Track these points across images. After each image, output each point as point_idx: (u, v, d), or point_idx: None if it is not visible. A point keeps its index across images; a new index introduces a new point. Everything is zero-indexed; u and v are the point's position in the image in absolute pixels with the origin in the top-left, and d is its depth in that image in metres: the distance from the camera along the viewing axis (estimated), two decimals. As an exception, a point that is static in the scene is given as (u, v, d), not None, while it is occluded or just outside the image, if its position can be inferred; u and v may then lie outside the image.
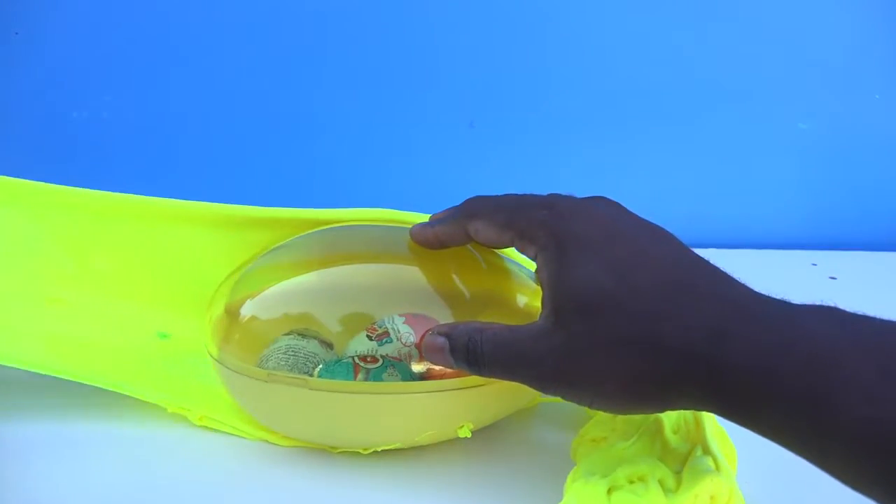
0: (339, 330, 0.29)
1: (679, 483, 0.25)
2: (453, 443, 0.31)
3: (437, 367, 0.28)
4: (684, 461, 0.26)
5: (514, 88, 0.61)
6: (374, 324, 0.29)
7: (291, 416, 0.29)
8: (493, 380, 0.28)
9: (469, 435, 0.29)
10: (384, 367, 0.27)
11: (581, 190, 0.27)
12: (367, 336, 0.28)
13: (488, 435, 0.32)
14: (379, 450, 0.30)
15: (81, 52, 0.58)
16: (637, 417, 0.28)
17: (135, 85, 0.59)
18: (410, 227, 0.32)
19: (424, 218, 0.33)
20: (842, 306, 0.22)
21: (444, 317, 0.29)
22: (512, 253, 0.35)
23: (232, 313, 0.30)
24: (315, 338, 0.28)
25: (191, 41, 0.58)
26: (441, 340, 0.26)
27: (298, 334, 0.28)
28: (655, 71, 0.61)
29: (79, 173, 0.60)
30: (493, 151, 0.62)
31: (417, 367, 0.28)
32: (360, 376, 0.27)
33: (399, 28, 0.59)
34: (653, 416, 0.28)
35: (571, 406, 0.34)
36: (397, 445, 0.30)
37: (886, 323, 0.21)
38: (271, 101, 0.60)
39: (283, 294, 0.30)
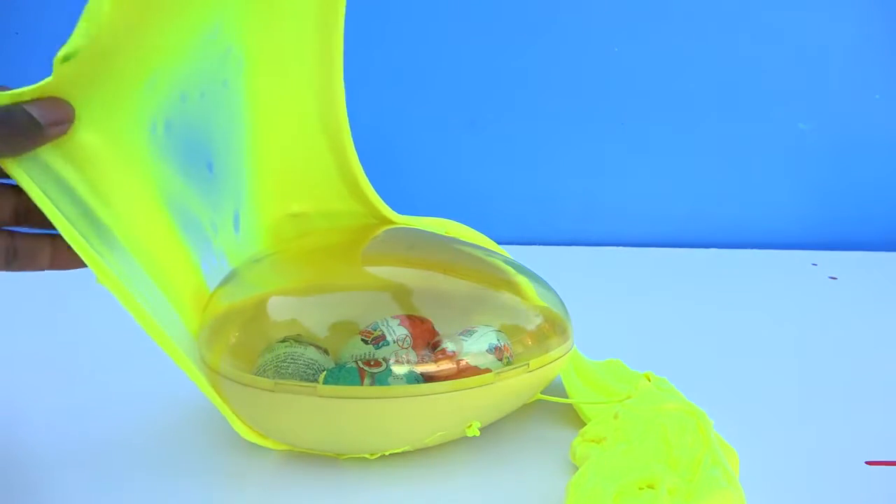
0: (331, 335, 0.28)
1: (689, 493, 0.24)
2: (454, 444, 0.31)
3: (440, 368, 0.28)
4: (692, 469, 0.26)
5: (514, 88, 0.61)
6: (367, 327, 0.28)
7: (298, 424, 0.28)
8: (501, 377, 0.28)
9: (477, 433, 0.29)
10: (388, 371, 0.27)
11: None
12: (363, 340, 0.28)
13: (490, 435, 0.32)
14: (387, 454, 0.29)
15: (81, 53, 0.58)
16: (638, 420, 0.28)
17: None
18: (404, 228, 0.31)
19: (411, 222, 0.33)
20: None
21: (438, 317, 0.29)
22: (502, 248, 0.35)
23: (227, 324, 0.30)
24: (311, 344, 0.28)
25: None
26: None
27: (294, 341, 0.28)
28: (655, 71, 0.60)
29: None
30: (493, 151, 0.62)
31: (421, 369, 0.27)
32: (366, 381, 0.27)
33: (399, 28, 0.59)
34: (655, 419, 0.28)
35: (571, 406, 0.34)
36: (406, 448, 0.29)
37: None
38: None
39: (276, 301, 0.30)
